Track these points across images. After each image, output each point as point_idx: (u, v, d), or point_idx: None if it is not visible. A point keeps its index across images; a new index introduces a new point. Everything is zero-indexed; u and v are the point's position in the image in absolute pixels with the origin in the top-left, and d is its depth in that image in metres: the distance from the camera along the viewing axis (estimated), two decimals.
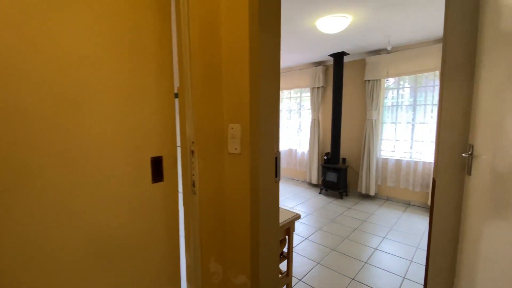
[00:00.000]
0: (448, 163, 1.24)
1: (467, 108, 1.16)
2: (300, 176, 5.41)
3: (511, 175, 0.74)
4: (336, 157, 4.36)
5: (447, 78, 1.21)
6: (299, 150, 5.32)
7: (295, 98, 5.46)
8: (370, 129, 4.11)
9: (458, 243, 1.24)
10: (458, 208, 1.22)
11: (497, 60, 0.89)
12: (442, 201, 1.27)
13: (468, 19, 1.15)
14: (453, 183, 1.22)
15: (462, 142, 1.19)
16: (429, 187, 3.71)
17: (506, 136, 0.79)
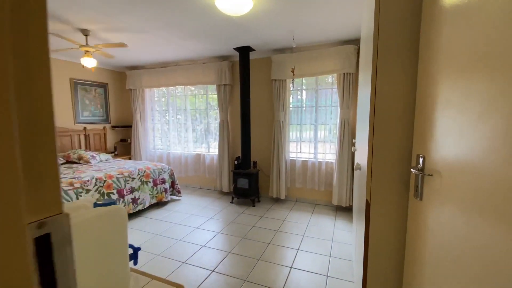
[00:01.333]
0: (386, 180, 0.93)
1: (411, 103, 0.87)
2: (210, 184, 4.84)
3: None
4: (247, 162, 4.02)
5: (382, 63, 0.90)
6: (207, 155, 4.74)
7: (201, 96, 4.84)
8: (278, 130, 3.96)
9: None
10: (402, 244, 0.93)
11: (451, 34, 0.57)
12: (380, 236, 0.96)
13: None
14: (394, 209, 0.92)
15: (406, 151, 0.89)
16: (331, 186, 3.84)
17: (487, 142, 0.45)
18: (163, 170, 4.02)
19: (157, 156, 5.27)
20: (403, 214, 0.93)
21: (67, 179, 2.87)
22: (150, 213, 3.63)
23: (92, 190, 2.94)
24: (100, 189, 3.02)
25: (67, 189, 2.70)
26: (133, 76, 5.19)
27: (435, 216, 0.72)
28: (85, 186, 2.88)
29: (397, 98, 0.90)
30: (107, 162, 4.15)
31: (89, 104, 4.85)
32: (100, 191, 3.02)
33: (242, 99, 3.93)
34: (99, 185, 3.03)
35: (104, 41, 3.45)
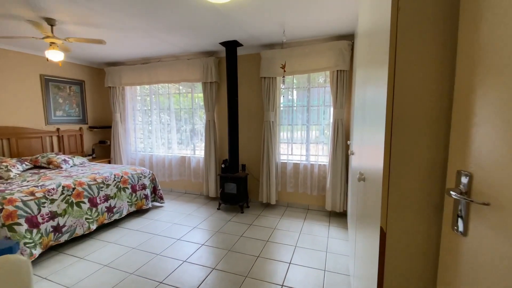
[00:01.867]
0: (409, 203, 0.69)
1: (445, 99, 0.63)
2: (196, 189, 4.54)
3: None
4: (234, 165, 3.75)
5: (404, 53, 0.66)
6: (193, 158, 4.44)
7: (185, 94, 4.53)
8: (268, 131, 3.71)
9: None
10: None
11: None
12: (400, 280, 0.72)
13: None
14: (420, 243, 0.69)
15: (437, 165, 0.65)
16: (324, 190, 3.63)
17: None
18: (144, 175, 3.70)
19: (139, 159, 4.92)
20: (433, 251, 0.70)
21: (28, 188, 2.51)
22: (128, 223, 3.30)
23: (57, 199, 2.59)
24: (68, 198, 2.68)
25: (26, 199, 2.35)
26: (112, 73, 4.81)
27: (481, 258, 0.48)
28: (50, 195, 2.54)
29: (426, 93, 0.67)
30: (81, 166, 3.79)
31: (62, 103, 4.46)
32: (68, 201, 2.69)
33: (229, 98, 3.66)
34: (67, 194, 2.69)
35: (72, 35, 3.10)
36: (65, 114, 4.51)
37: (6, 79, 3.68)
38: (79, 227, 2.76)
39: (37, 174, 3.20)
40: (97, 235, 2.96)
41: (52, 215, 2.52)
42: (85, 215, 2.82)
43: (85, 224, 2.81)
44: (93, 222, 2.89)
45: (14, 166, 3.16)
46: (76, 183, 2.83)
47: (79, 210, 2.76)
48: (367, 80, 1.38)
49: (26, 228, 2.28)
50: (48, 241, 2.48)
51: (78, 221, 2.75)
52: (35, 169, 3.49)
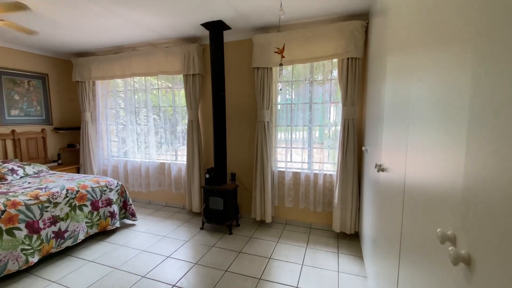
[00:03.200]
0: None
1: None
2: (178, 202, 3.86)
3: None
4: (221, 174, 3.08)
5: None
6: (174, 165, 3.76)
7: (165, 90, 3.84)
8: (262, 133, 3.05)
9: None
10: None
11: None
12: None
13: None
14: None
15: None
16: (331, 206, 2.98)
17: None
18: (109, 188, 3.01)
19: (112, 166, 4.23)
20: None
21: None
22: (85, 250, 2.62)
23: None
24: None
25: None
26: (80, 65, 4.11)
27: None
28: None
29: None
30: (34, 177, 3.09)
31: (19, 100, 3.75)
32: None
33: (214, 93, 2.99)
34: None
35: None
36: (23, 113, 3.80)
37: None
38: (12, 262, 2.07)
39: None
40: (38, 270, 2.27)
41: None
42: (20, 245, 2.13)
43: (21, 257, 2.13)
44: (33, 253, 2.21)
45: None
46: (8, 204, 2.14)
47: (11, 240, 2.08)
48: (418, 67, 0.98)
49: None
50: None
51: (10, 254, 2.06)
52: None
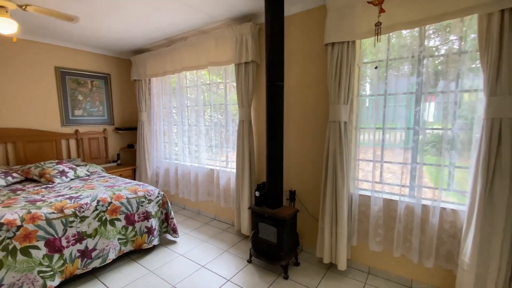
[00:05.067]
0: None
1: None
2: (227, 217, 3.26)
3: None
4: (275, 194, 2.27)
5: None
6: (223, 172, 3.16)
7: (217, 84, 3.27)
8: (336, 139, 2.10)
9: None
10: None
11: None
12: None
13: None
14: None
15: None
16: (453, 262, 1.80)
17: None
18: (148, 198, 2.59)
19: (164, 169, 3.95)
20: None
21: None
22: (113, 273, 2.22)
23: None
24: (7, 244, 1.71)
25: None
26: (137, 62, 3.97)
27: None
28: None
29: None
30: (84, 179, 2.95)
31: (83, 100, 3.81)
32: (8, 247, 1.71)
33: (269, 84, 2.20)
34: (6, 236, 1.72)
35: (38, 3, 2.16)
36: (86, 114, 3.85)
37: (14, 72, 3.11)
38: (27, 285, 1.77)
39: (13, 192, 2.42)
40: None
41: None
42: (37, 266, 1.82)
43: (38, 281, 1.81)
44: (52, 276, 1.88)
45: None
46: (27, 218, 1.85)
47: (26, 260, 1.78)
48: None
49: None
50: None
51: (25, 276, 1.76)
52: (22, 183, 2.78)
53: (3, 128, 3.05)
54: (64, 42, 3.50)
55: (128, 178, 3.94)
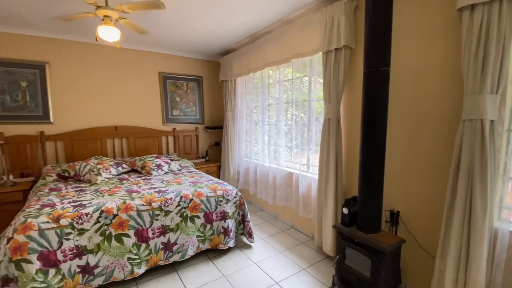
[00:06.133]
0: None
1: None
2: (306, 228, 2.89)
3: None
4: (370, 214, 1.76)
5: None
6: (303, 177, 2.81)
7: (300, 80, 2.94)
8: (475, 145, 1.42)
9: None
10: None
11: None
12: None
13: None
14: None
15: None
16: None
17: None
18: (226, 198, 2.54)
19: (244, 168, 3.93)
20: None
21: (57, 209, 1.93)
22: (190, 270, 2.25)
23: (90, 230, 1.88)
24: (105, 230, 1.93)
25: (45, 227, 1.74)
26: (224, 64, 4.09)
27: None
28: (79, 224, 1.85)
29: None
30: (176, 173, 3.21)
31: (179, 102, 4.22)
32: (105, 233, 1.93)
33: (368, 71, 1.70)
34: (104, 223, 1.94)
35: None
36: (182, 114, 4.25)
37: (127, 78, 3.71)
38: (118, 270, 1.96)
39: (120, 181, 2.82)
40: (141, 283, 2.08)
41: (78, 251, 1.82)
42: (127, 253, 1.99)
43: (127, 267, 1.98)
44: (139, 263, 2.03)
45: (107, 170, 2.94)
46: (122, 208, 2.05)
47: (119, 247, 1.96)
48: None
49: (38, 268, 1.66)
50: (75, 284, 1.81)
51: (117, 261, 1.95)
52: (128, 173, 3.23)
53: (120, 125, 3.67)
54: (165, 50, 3.93)
55: (213, 174, 4.14)
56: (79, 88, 3.37)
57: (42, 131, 3.15)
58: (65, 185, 2.65)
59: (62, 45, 3.22)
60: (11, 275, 1.58)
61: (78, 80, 3.35)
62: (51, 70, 3.18)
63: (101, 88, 3.52)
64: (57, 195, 2.29)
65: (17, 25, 2.86)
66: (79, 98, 3.38)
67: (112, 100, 3.61)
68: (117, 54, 3.58)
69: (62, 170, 2.93)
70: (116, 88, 3.63)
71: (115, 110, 3.65)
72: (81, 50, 3.34)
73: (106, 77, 3.54)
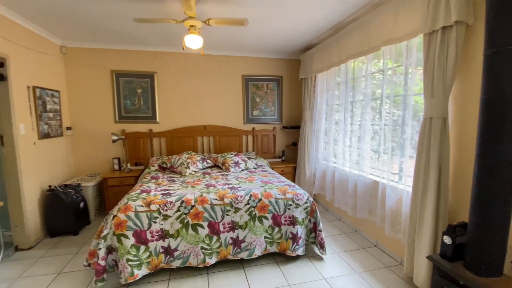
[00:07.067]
0: None
1: None
2: (393, 249, 2.40)
3: None
4: (487, 250, 1.26)
5: None
6: (392, 188, 2.34)
7: (392, 70, 2.45)
8: None
9: None
10: None
11: None
12: None
13: None
14: None
15: None
16: None
17: None
18: (296, 203, 2.40)
19: (321, 171, 3.65)
20: None
21: (150, 195, 2.26)
22: (255, 270, 2.23)
23: (172, 216, 2.13)
24: (183, 218, 2.14)
25: (139, 210, 2.08)
26: (305, 60, 3.93)
27: None
28: (164, 210, 2.12)
29: None
30: (250, 171, 3.30)
31: (259, 102, 4.33)
32: (184, 221, 2.14)
33: (493, 52, 1.22)
34: (183, 212, 2.16)
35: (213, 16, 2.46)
36: (261, 114, 4.35)
37: (214, 82, 4.07)
38: (193, 257, 2.15)
39: (203, 175, 3.11)
40: (214, 272, 2.21)
41: (162, 234, 2.09)
42: (200, 243, 2.15)
43: (200, 255, 2.15)
44: (211, 254, 2.17)
45: (194, 164, 3.30)
46: (199, 200, 2.23)
47: (195, 235, 2.15)
48: None
49: (132, 243, 2.01)
50: (158, 262, 2.09)
51: (192, 248, 2.14)
52: (211, 168, 3.52)
53: (208, 125, 4.07)
54: (247, 53, 4.10)
55: (288, 175, 4.05)
56: (176, 93, 3.94)
57: (151, 129, 3.85)
58: (163, 175, 3.13)
59: (165, 57, 3.83)
60: (114, 246, 1.97)
61: (176, 86, 3.92)
62: (158, 78, 3.84)
63: (193, 92, 4.00)
64: (154, 183, 2.72)
65: (135, 43, 3.58)
66: (177, 101, 3.95)
67: (202, 102, 4.05)
68: (205, 61, 3.99)
69: (162, 162, 3.49)
70: (205, 92, 4.05)
71: (204, 111, 4.08)
72: (176, 60, 3.89)
73: (197, 82, 4.00)
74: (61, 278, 2.14)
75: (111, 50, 3.64)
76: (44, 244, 2.74)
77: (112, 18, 2.67)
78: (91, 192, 3.30)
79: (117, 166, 3.64)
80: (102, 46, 3.58)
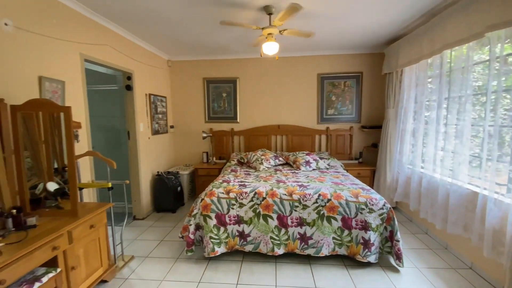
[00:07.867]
0: None
1: None
2: (494, 275, 1.97)
3: None
4: None
5: None
6: (495, 204, 1.93)
7: (496, 60, 2.00)
8: None
9: None
10: None
11: None
12: None
13: None
14: None
15: None
16: None
17: None
18: (369, 207, 2.29)
19: (405, 177, 3.27)
20: None
21: (230, 185, 2.59)
22: (321, 269, 2.25)
23: (246, 205, 2.39)
24: (256, 208, 2.38)
25: (221, 196, 2.43)
26: (389, 54, 3.59)
27: None
28: (240, 199, 2.41)
29: None
30: (321, 171, 3.30)
31: (335, 101, 4.21)
32: (256, 210, 2.38)
33: None
34: (256, 202, 2.39)
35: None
36: (336, 112, 4.22)
37: (288, 82, 4.21)
38: (263, 244, 2.36)
39: (275, 171, 3.30)
40: (282, 263, 2.36)
41: (238, 219, 2.39)
42: (270, 232, 2.34)
43: (269, 244, 2.34)
44: (279, 245, 2.33)
45: (267, 161, 3.54)
46: (270, 193, 2.42)
47: (265, 225, 2.36)
48: None
49: (214, 224, 2.37)
50: (234, 244, 2.40)
51: (262, 236, 2.36)
52: (282, 166, 3.66)
53: (282, 124, 4.26)
54: (323, 51, 4.05)
55: (365, 179, 3.81)
56: (254, 95, 4.28)
57: (232, 128, 4.33)
58: (240, 168, 3.49)
59: (245, 63, 4.22)
60: (200, 224, 2.38)
61: (253, 89, 4.26)
62: (240, 83, 4.26)
63: (268, 93, 4.26)
64: (233, 175, 3.09)
65: (221, 53, 4.09)
66: (254, 102, 4.29)
67: (276, 102, 4.27)
68: (279, 63, 4.17)
69: (240, 157, 3.88)
70: (279, 92, 4.24)
71: (278, 111, 4.28)
72: (254, 65, 4.21)
73: (272, 84, 4.23)
74: (163, 244, 2.74)
75: (204, 61, 4.28)
76: (152, 217, 3.53)
77: (206, 35, 3.18)
78: (186, 179, 4.01)
79: (205, 159, 4.27)
80: (197, 58, 4.26)
